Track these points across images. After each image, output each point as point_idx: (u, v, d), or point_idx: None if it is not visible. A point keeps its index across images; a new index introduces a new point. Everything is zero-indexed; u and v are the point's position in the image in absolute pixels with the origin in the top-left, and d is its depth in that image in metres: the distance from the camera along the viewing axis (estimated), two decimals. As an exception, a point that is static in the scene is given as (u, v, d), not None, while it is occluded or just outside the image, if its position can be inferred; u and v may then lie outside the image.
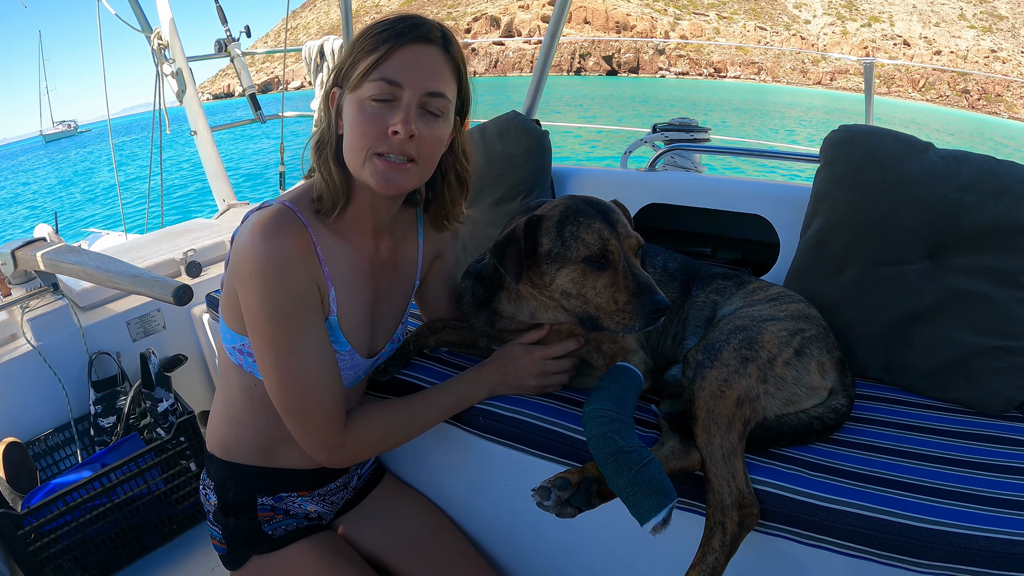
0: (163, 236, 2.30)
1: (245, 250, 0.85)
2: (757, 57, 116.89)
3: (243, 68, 2.72)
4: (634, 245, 0.95)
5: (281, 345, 0.87)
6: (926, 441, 0.99)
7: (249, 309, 0.87)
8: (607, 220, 0.94)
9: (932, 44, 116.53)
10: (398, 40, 0.85)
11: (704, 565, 0.82)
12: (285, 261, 0.85)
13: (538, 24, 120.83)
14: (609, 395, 0.89)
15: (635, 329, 0.90)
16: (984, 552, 0.76)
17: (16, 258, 1.71)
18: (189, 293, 1.40)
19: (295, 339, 0.87)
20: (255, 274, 0.84)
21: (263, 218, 0.86)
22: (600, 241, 0.92)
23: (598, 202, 0.99)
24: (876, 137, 1.27)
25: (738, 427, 0.88)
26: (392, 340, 1.12)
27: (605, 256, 0.92)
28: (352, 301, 0.99)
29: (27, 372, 1.67)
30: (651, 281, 0.91)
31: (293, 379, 0.88)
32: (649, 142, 2.09)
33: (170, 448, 1.59)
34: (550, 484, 0.84)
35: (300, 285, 0.87)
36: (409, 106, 0.86)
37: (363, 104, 0.86)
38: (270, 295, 0.85)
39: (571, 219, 0.94)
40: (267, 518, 1.07)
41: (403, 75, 0.85)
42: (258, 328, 0.87)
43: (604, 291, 0.92)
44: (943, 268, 1.19)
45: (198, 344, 1.99)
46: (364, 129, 0.86)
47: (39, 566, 1.41)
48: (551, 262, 0.95)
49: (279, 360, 0.87)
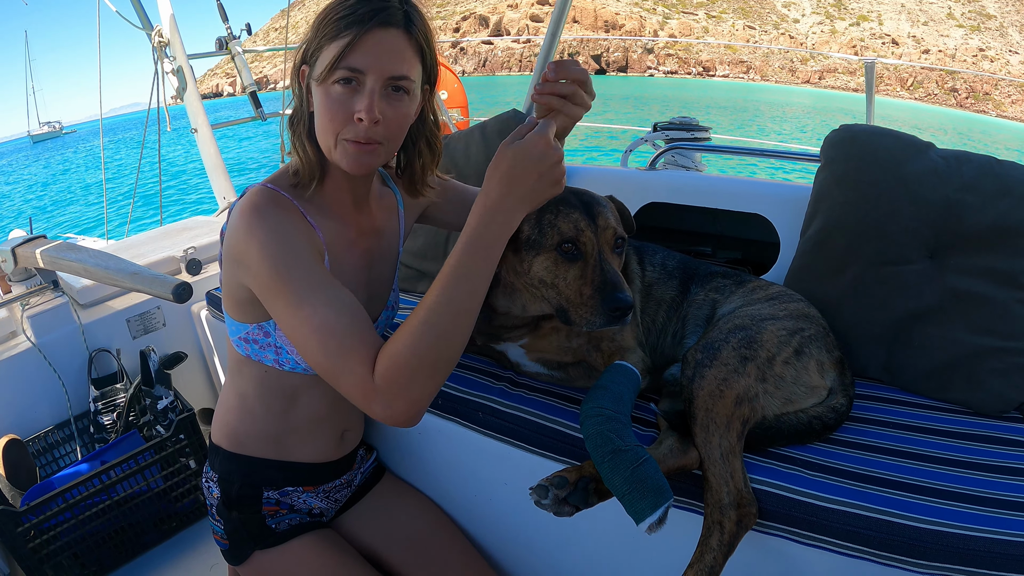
0: (163, 234, 2.30)
1: (238, 228, 0.85)
2: (746, 56, 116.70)
3: (244, 66, 2.72)
4: (610, 238, 0.93)
5: (292, 295, 0.83)
6: (925, 441, 0.99)
7: (256, 277, 0.85)
8: (588, 211, 0.93)
9: (921, 43, 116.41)
10: (360, 27, 0.84)
11: (702, 564, 0.82)
12: (278, 224, 0.86)
13: (527, 23, 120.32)
14: (606, 394, 0.89)
15: (596, 325, 0.88)
16: (983, 553, 0.76)
17: (16, 255, 1.71)
18: (189, 290, 1.40)
19: (305, 283, 0.84)
20: (251, 243, 0.84)
21: (249, 198, 0.87)
22: (574, 231, 0.91)
23: (586, 194, 0.97)
24: (877, 137, 1.27)
25: (737, 426, 0.88)
26: (386, 307, 1.12)
27: (577, 246, 0.91)
28: (344, 270, 0.99)
29: (27, 369, 1.67)
30: (618, 278, 0.89)
31: (313, 323, 0.82)
32: (650, 141, 2.09)
33: (169, 446, 1.59)
34: (548, 483, 0.84)
35: (296, 239, 0.87)
36: (372, 92, 0.86)
37: (329, 89, 0.87)
38: (269, 253, 0.83)
39: (552, 207, 0.93)
40: (272, 512, 1.07)
41: (365, 62, 0.85)
42: (268, 291, 0.85)
43: (573, 283, 0.91)
44: (943, 268, 1.19)
45: (198, 342, 1.99)
46: (331, 115, 0.87)
47: (38, 563, 1.41)
48: (529, 248, 0.94)
49: (297, 310, 0.83)
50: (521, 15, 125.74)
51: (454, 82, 4.80)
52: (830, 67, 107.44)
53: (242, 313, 0.95)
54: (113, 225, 2.76)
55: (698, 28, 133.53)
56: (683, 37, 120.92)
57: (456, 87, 4.78)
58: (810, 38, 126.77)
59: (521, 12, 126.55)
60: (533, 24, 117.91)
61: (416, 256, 1.67)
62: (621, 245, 0.96)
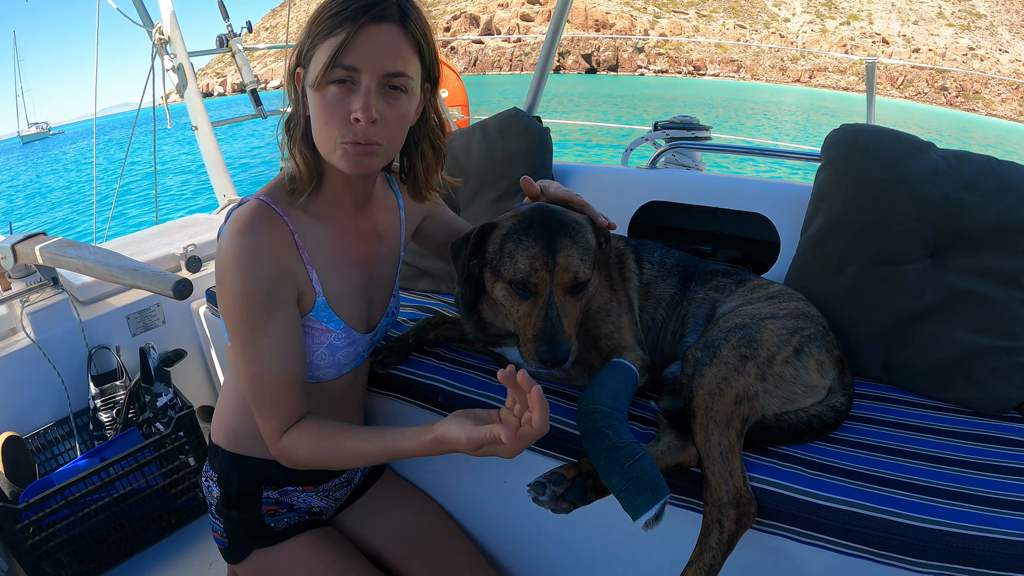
0: (163, 231, 2.30)
1: (223, 246, 0.88)
2: (736, 55, 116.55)
3: (244, 63, 2.71)
4: (567, 281, 0.91)
5: (245, 335, 0.89)
6: (925, 441, 0.99)
7: (222, 300, 0.90)
8: (548, 246, 0.90)
9: (911, 42, 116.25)
10: (354, 23, 0.83)
11: (701, 563, 0.82)
12: (257, 255, 0.87)
13: (517, 22, 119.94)
14: (603, 391, 0.89)
15: (531, 367, 0.91)
16: (982, 552, 0.76)
17: (16, 252, 1.71)
18: (189, 287, 1.40)
19: (259, 329, 0.89)
20: (229, 267, 0.87)
21: (240, 215, 0.89)
22: (528, 270, 0.90)
23: (557, 221, 0.94)
24: (877, 136, 1.27)
25: (736, 425, 0.88)
26: (386, 314, 1.12)
27: (527, 286, 0.91)
28: (340, 278, 0.99)
29: (27, 366, 1.67)
30: (558, 328, 0.88)
31: (253, 367, 0.90)
32: (650, 139, 2.09)
33: (169, 443, 1.59)
34: (545, 479, 0.84)
35: (270, 278, 0.88)
36: (368, 90, 0.84)
37: (324, 92, 0.85)
38: (239, 286, 0.87)
39: (515, 236, 0.92)
40: (271, 511, 1.07)
41: (359, 59, 0.83)
42: (228, 318, 0.90)
43: (523, 318, 0.92)
44: (944, 268, 1.19)
45: (197, 339, 1.99)
46: (328, 117, 0.86)
47: (38, 560, 1.41)
48: (491, 272, 0.96)
49: (244, 349, 0.90)
50: (511, 14, 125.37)
51: (455, 80, 4.79)
52: (820, 66, 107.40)
53: None
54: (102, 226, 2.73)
55: (688, 27, 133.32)
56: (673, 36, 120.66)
57: (457, 85, 4.77)
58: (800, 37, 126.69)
59: (511, 11, 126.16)
60: (523, 23, 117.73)
61: (416, 254, 1.67)
62: (582, 285, 0.94)
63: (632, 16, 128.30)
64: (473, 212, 1.75)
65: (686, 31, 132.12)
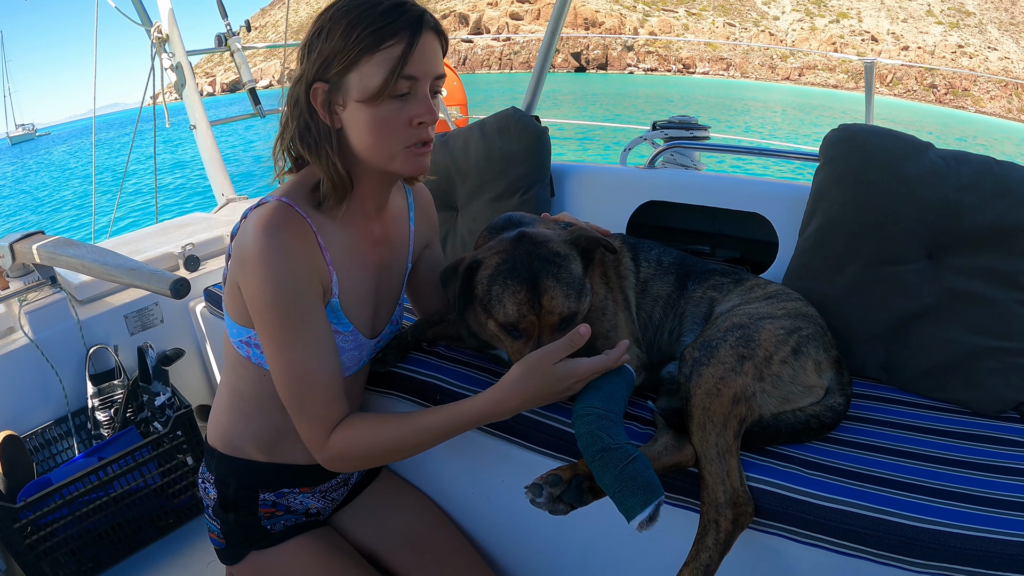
0: (161, 230, 2.30)
1: (248, 246, 0.87)
2: (726, 53, 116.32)
3: (243, 62, 2.71)
4: (554, 322, 0.93)
5: (283, 337, 0.88)
6: (923, 441, 0.99)
7: (253, 302, 0.89)
8: (534, 289, 0.91)
9: (900, 40, 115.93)
10: (412, 34, 0.85)
11: (698, 563, 0.82)
12: (287, 253, 0.87)
13: (507, 21, 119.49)
14: (598, 392, 0.89)
15: None
16: (979, 552, 0.76)
17: (14, 251, 1.70)
18: (187, 287, 1.40)
19: (296, 330, 0.89)
20: (258, 268, 0.86)
21: (263, 214, 0.88)
22: (517, 316, 0.92)
23: (537, 259, 0.94)
24: (876, 137, 1.27)
25: (734, 425, 0.88)
26: (391, 322, 1.12)
27: (518, 330, 0.93)
28: (354, 282, 1.00)
29: (24, 365, 1.67)
30: None
31: (293, 369, 0.89)
32: (648, 139, 2.09)
33: (167, 442, 1.59)
34: (542, 481, 0.84)
35: (301, 277, 0.88)
36: (426, 95, 0.90)
37: (382, 104, 0.87)
38: (272, 287, 0.86)
39: (500, 279, 0.93)
40: (268, 514, 1.07)
41: (417, 68, 0.87)
42: (262, 320, 0.89)
43: (515, 354, 0.94)
44: (942, 268, 1.19)
45: (196, 338, 1.99)
46: (390, 130, 0.89)
47: (35, 559, 1.41)
48: (482, 309, 0.97)
49: (281, 351, 0.89)
50: (501, 13, 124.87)
51: (453, 79, 4.79)
52: (809, 64, 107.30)
53: (244, 317, 0.95)
54: (100, 225, 2.71)
55: (678, 26, 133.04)
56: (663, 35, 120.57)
57: (455, 84, 4.77)
58: (790, 35, 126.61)
59: (501, 10, 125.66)
60: (513, 22, 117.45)
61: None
62: (571, 319, 0.95)
63: (621, 14, 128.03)
64: (471, 212, 1.75)
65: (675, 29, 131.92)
